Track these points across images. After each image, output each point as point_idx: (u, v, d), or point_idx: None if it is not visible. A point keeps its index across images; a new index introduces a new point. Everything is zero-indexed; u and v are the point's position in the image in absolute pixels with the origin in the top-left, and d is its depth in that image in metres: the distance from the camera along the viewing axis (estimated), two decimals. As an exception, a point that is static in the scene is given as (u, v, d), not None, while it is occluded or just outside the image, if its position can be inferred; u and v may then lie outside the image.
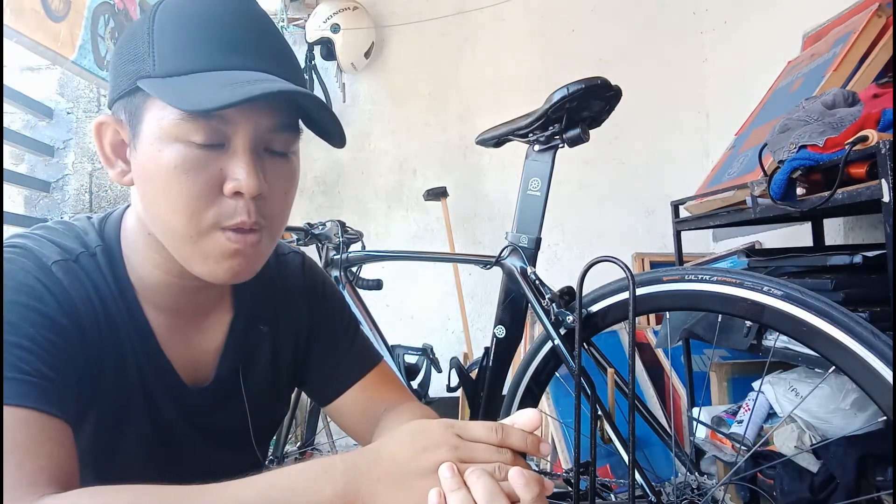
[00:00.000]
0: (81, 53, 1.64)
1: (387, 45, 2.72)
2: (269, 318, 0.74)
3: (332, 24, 2.51)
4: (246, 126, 0.55)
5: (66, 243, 0.60)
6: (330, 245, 1.49)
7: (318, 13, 2.54)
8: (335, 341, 0.78)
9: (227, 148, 0.55)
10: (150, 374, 0.63)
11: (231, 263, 0.57)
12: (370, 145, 2.72)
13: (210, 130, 0.54)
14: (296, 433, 2.20)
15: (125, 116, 0.58)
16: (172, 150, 0.54)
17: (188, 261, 0.58)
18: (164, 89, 0.53)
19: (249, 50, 0.56)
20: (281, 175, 0.59)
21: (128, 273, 0.63)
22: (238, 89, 0.51)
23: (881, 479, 1.13)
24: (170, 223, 0.56)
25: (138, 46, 0.56)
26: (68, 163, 2.25)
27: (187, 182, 0.54)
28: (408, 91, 2.72)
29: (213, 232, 0.56)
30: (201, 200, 0.55)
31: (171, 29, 0.55)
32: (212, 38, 0.55)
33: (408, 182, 2.70)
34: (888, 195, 0.96)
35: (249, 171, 0.55)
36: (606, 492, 1.42)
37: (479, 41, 2.71)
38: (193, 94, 0.52)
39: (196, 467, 0.68)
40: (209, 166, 0.55)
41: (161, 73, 0.54)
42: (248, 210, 0.56)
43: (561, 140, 1.09)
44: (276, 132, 0.58)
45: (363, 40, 2.57)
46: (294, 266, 0.78)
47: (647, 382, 2.07)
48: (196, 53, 0.54)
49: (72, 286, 0.57)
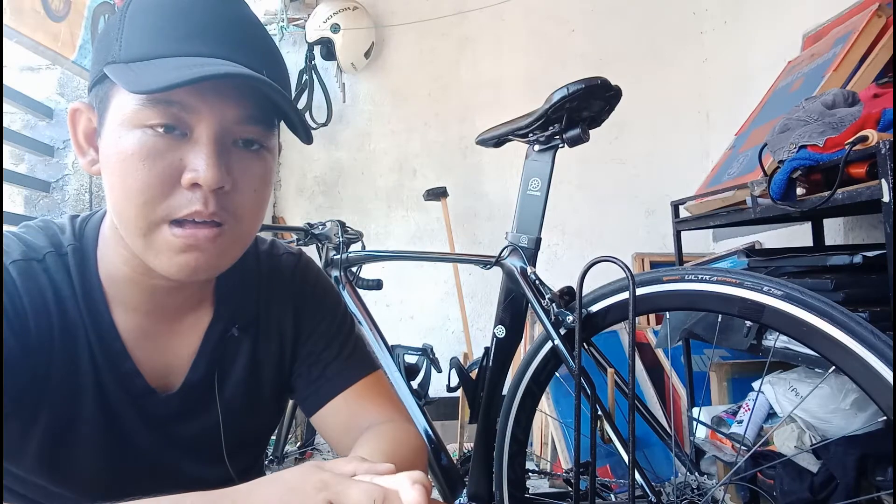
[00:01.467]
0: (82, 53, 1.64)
1: (387, 45, 2.72)
2: (251, 322, 0.70)
3: (332, 24, 2.51)
4: (209, 115, 0.53)
5: (34, 242, 0.59)
6: (330, 245, 1.49)
7: (318, 13, 2.54)
8: (323, 347, 0.73)
9: (189, 138, 0.53)
10: (109, 379, 0.60)
11: (186, 258, 0.54)
12: (370, 145, 2.72)
13: (170, 118, 0.52)
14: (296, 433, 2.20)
15: (96, 103, 0.57)
16: (132, 136, 0.52)
17: (144, 255, 0.55)
18: (121, 73, 0.51)
19: (218, 38, 0.54)
20: (249, 170, 0.57)
21: (99, 273, 0.61)
22: (187, 70, 0.49)
23: (881, 479, 1.13)
24: (124, 213, 0.54)
25: (110, 33, 0.55)
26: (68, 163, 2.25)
27: (143, 170, 0.52)
28: (408, 91, 2.72)
29: (161, 226, 0.54)
30: (155, 190, 0.52)
31: (140, 15, 0.54)
32: (179, 24, 0.53)
33: (408, 182, 2.70)
34: (888, 195, 0.96)
35: (210, 162, 0.52)
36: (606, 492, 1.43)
37: (479, 41, 2.71)
38: (145, 76, 0.50)
39: (161, 479, 0.64)
40: (168, 155, 0.52)
41: (125, 59, 0.52)
42: (206, 201, 0.53)
43: (561, 140, 1.09)
44: (243, 124, 0.55)
45: (363, 40, 2.57)
46: (285, 268, 0.75)
47: (647, 382, 2.07)
48: (160, 39, 0.53)
49: (25, 287, 0.55)
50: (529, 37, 2.69)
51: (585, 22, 2.67)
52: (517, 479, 1.18)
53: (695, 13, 2.63)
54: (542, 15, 2.68)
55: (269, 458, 1.60)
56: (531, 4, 2.67)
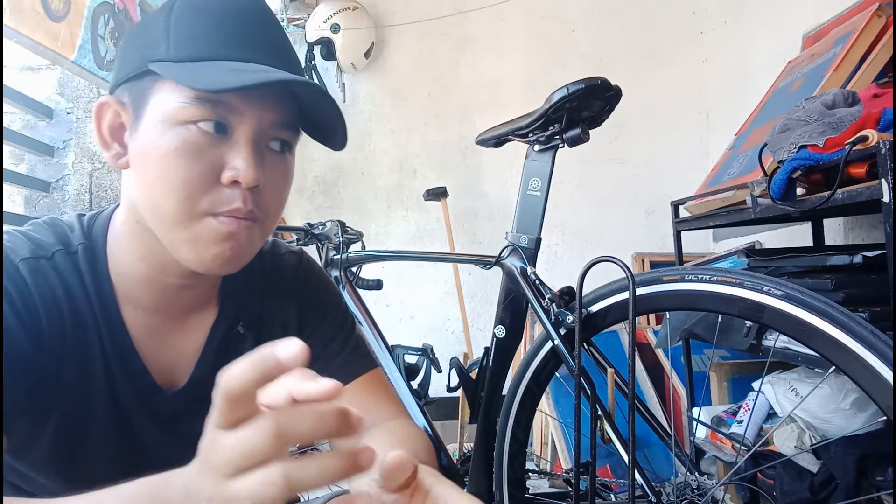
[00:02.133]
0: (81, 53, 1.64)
1: (387, 45, 2.72)
2: (255, 320, 0.71)
3: (332, 24, 2.51)
4: (251, 117, 0.56)
5: (43, 240, 0.59)
6: (330, 245, 1.49)
7: (318, 13, 2.54)
8: (325, 344, 0.74)
9: (229, 137, 0.56)
10: (120, 376, 0.61)
11: (221, 248, 0.56)
12: (370, 145, 2.72)
13: (215, 117, 0.54)
14: (296, 433, 2.19)
15: (128, 99, 0.58)
16: (174, 133, 0.54)
17: (177, 246, 0.57)
18: (176, 71, 0.54)
19: (261, 45, 0.57)
20: (277, 171, 0.60)
21: (109, 271, 0.61)
22: (248, 75, 0.53)
23: (881, 479, 1.13)
24: (162, 206, 0.55)
25: (152, 32, 0.57)
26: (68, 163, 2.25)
27: (185, 166, 0.54)
28: (408, 91, 2.72)
29: (205, 217, 0.56)
30: (197, 185, 0.54)
31: (188, 17, 0.56)
32: (226, 29, 0.56)
33: (408, 182, 2.70)
34: (888, 195, 0.96)
35: (250, 162, 0.55)
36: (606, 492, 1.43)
37: (479, 41, 2.71)
38: (206, 76, 0.52)
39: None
40: (209, 153, 0.55)
41: (175, 58, 0.55)
42: (245, 199, 0.56)
43: (561, 140, 1.09)
44: (277, 128, 0.58)
45: (363, 40, 2.57)
46: (288, 266, 0.76)
47: (647, 382, 2.07)
48: (210, 42, 0.55)
49: (36, 285, 0.56)
50: (529, 37, 2.69)
51: (585, 22, 2.67)
52: (517, 479, 1.18)
53: (695, 13, 2.63)
54: (542, 15, 2.68)
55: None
56: (531, 4, 2.67)
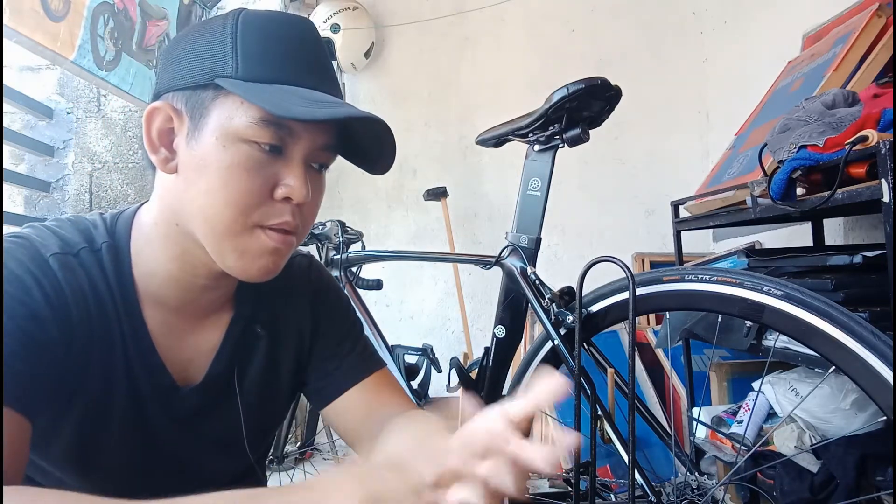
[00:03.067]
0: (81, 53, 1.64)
1: (387, 45, 2.72)
2: (270, 321, 0.74)
3: (332, 24, 2.51)
4: (306, 140, 0.60)
5: (69, 237, 0.60)
6: (330, 245, 1.49)
7: (318, 13, 2.54)
8: (338, 343, 0.78)
9: (284, 156, 0.59)
10: (140, 374, 0.63)
11: (266, 261, 0.61)
12: (370, 145, 2.72)
13: (277, 140, 0.58)
14: (296, 433, 2.20)
15: (185, 107, 0.59)
16: (237, 148, 0.57)
17: (223, 255, 0.60)
18: (251, 92, 0.56)
19: (319, 73, 0.61)
20: (317, 188, 0.64)
21: (132, 270, 0.63)
22: (323, 109, 0.56)
23: (881, 479, 1.13)
24: (217, 216, 0.58)
25: (216, 46, 0.58)
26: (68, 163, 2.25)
27: (246, 180, 0.57)
28: (408, 91, 2.72)
29: (254, 230, 0.59)
30: (254, 198, 0.58)
31: (254, 38, 0.58)
32: (288, 55, 0.59)
33: (408, 182, 2.70)
34: (888, 195, 0.96)
35: (303, 182, 0.59)
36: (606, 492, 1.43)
37: (479, 41, 2.71)
38: (280, 101, 0.56)
39: (184, 470, 0.68)
40: (266, 170, 0.58)
41: (243, 77, 0.57)
42: (293, 213, 0.60)
43: (561, 140, 1.09)
44: (324, 150, 0.62)
45: (363, 40, 2.57)
46: (300, 268, 0.79)
47: (647, 382, 2.07)
48: (277, 66, 0.58)
49: (66, 280, 0.57)
50: (529, 37, 2.69)
51: (585, 22, 2.67)
52: (517, 479, 1.18)
53: (695, 13, 2.63)
54: (542, 15, 2.68)
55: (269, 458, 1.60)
56: (531, 4, 2.67)
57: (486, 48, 2.70)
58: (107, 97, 2.26)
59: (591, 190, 2.63)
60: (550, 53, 2.66)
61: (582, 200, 2.62)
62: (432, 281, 2.62)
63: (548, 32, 2.68)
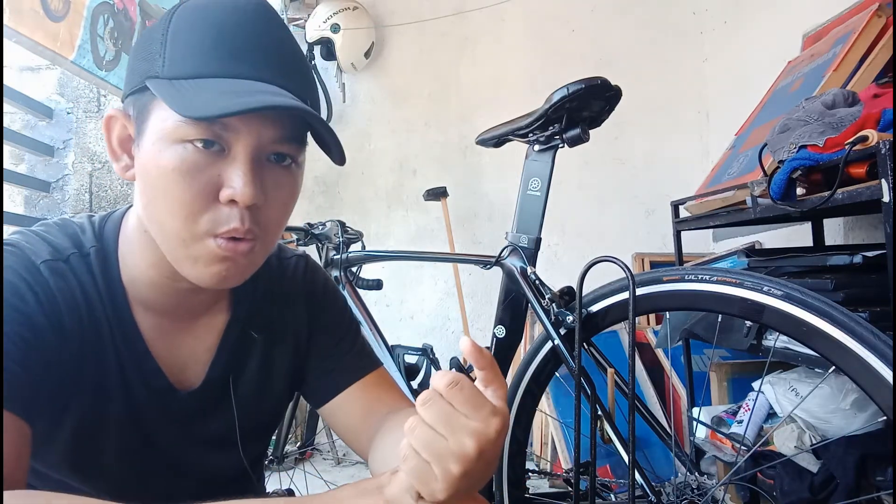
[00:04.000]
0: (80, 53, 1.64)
1: (387, 45, 2.72)
2: (266, 323, 0.73)
3: (332, 24, 2.51)
4: (248, 135, 0.55)
5: (58, 243, 0.60)
6: (330, 245, 1.49)
7: (318, 13, 2.54)
8: (335, 343, 0.77)
9: (227, 154, 0.55)
10: (135, 378, 0.62)
11: (219, 268, 0.57)
12: (370, 145, 2.72)
13: (211, 135, 0.54)
14: (296, 433, 2.20)
15: (133, 112, 0.58)
16: (172, 151, 0.54)
17: (178, 263, 0.58)
18: (167, 91, 0.53)
19: (259, 60, 0.56)
20: (281, 186, 0.59)
21: (121, 274, 0.62)
22: (236, 99, 0.51)
23: (881, 479, 1.12)
24: (165, 224, 0.56)
25: (152, 46, 0.56)
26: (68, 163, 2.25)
27: (184, 185, 0.54)
28: (408, 91, 2.72)
29: (205, 238, 0.56)
30: (197, 205, 0.54)
31: (184, 32, 0.55)
32: (223, 44, 0.55)
33: (408, 182, 2.70)
34: (888, 195, 0.96)
35: (246, 180, 0.54)
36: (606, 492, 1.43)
37: (479, 41, 2.71)
38: (193, 98, 0.52)
39: (181, 471, 0.68)
40: (207, 171, 0.54)
41: (168, 75, 0.54)
42: (242, 218, 0.55)
43: (561, 140, 1.09)
44: (278, 142, 0.57)
45: (363, 40, 2.57)
46: (296, 270, 0.78)
47: (647, 382, 2.07)
48: (205, 58, 0.54)
49: (57, 286, 0.57)
50: (529, 37, 2.69)
51: (585, 22, 2.67)
52: (517, 479, 1.18)
53: (695, 13, 2.63)
54: (542, 15, 2.68)
55: (269, 458, 1.60)
56: (531, 4, 2.67)
57: (486, 48, 2.70)
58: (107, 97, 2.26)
59: (591, 190, 2.63)
60: (550, 53, 2.66)
61: (582, 200, 2.62)
62: (432, 281, 2.62)
63: (548, 32, 2.68)
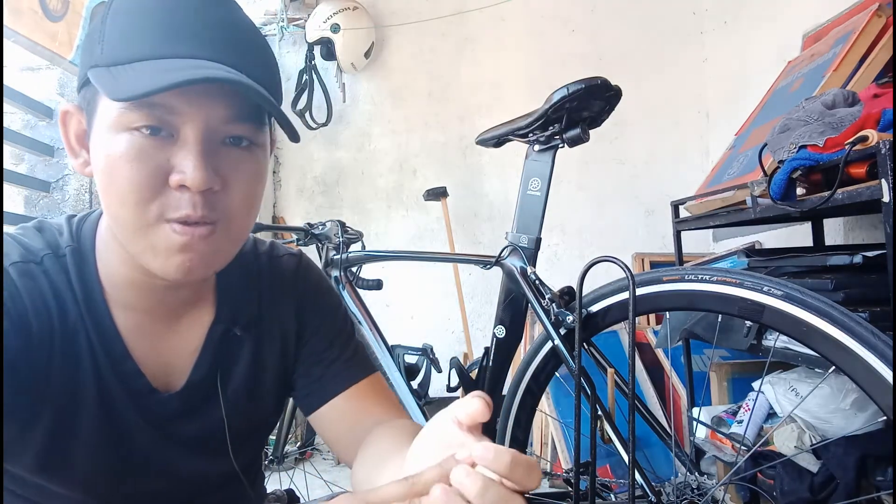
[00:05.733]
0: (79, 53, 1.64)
1: (387, 45, 2.72)
2: (252, 322, 0.70)
3: (332, 24, 2.51)
4: (195, 116, 0.53)
5: (33, 245, 0.59)
6: (330, 245, 1.49)
7: (318, 13, 2.54)
8: (325, 347, 0.74)
9: (177, 139, 0.53)
10: (111, 379, 0.60)
11: (181, 258, 0.54)
12: (370, 145, 2.72)
13: (155, 121, 0.52)
14: (296, 433, 2.20)
15: (84, 106, 0.57)
16: (119, 139, 0.52)
17: (140, 256, 0.55)
18: (102, 78, 0.51)
19: (199, 38, 0.53)
20: (239, 168, 0.56)
21: (98, 274, 0.61)
22: (167, 75, 0.49)
23: (881, 479, 1.13)
24: (118, 215, 0.54)
25: (93, 34, 0.54)
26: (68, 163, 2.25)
27: (132, 172, 0.52)
28: (408, 91, 2.72)
29: (159, 224, 0.53)
30: (146, 191, 0.52)
31: (122, 17, 0.53)
32: (159, 26, 0.53)
33: (408, 182, 2.70)
34: (888, 195, 0.96)
35: (196, 164, 0.52)
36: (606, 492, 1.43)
37: (479, 41, 2.71)
38: (125, 82, 0.50)
39: (165, 474, 0.65)
40: (156, 156, 0.52)
41: (106, 62, 0.52)
42: (195, 204, 0.53)
43: (561, 140, 1.09)
44: (231, 123, 0.55)
45: (363, 40, 2.57)
46: (287, 269, 0.75)
47: (647, 382, 2.07)
48: (141, 41, 0.52)
49: (25, 288, 0.56)
50: (529, 37, 2.69)
51: (585, 22, 2.67)
52: (517, 480, 1.18)
53: (695, 13, 2.63)
54: (542, 15, 2.68)
55: (269, 458, 1.60)
56: (531, 4, 2.67)
57: (486, 48, 2.70)
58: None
59: (591, 190, 2.63)
60: (550, 53, 2.66)
61: (582, 200, 2.62)
62: (432, 281, 2.62)
63: (548, 32, 2.68)
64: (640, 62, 2.61)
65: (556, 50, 2.66)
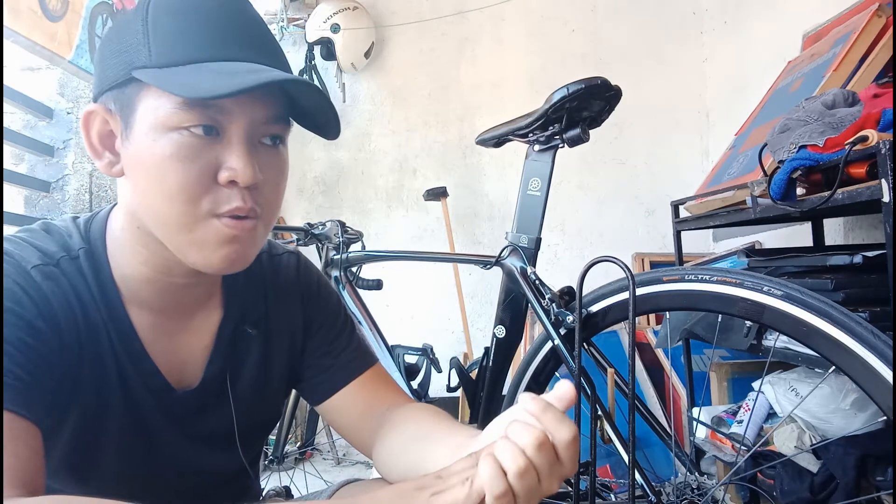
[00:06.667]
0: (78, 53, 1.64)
1: (387, 45, 2.72)
2: (261, 319, 0.73)
3: (332, 24, 2.51)
4: (241, 116, 0.56)
5: (47, 247, 0.59)
6: (330, 245, 1.49)
7: (318, 13, 2.54)
8: (331, 339, 0.77)
9: (222, 137, 0.56)
10: (133, 377, 0.62)
11: (227, 251, 0.57)
12: (370, 145, 2.72)
13: (206, 119, 0.54)
14: (296, 433, 2.20)
15: (115, 107, 0.58)
16: (168, 139, 0.54)
17: (184, 251, 0.58)
18: (163, 78, 0.53)
19: (244, 42, 0.57)
20: (273, 165, 0.60)
21: (112, 274, 0.62)
22: (238, 78, 0.52)
23: (881, 479, 1.12)
24: (165, 212, 0.56)
25: (131, 38, 0.56)
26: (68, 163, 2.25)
27: (183, 170, 0.54)
28: (408, 91, 2.72)
29: (208, 219, 0.56)
30: (197, 188, 0.55)
31: (166, 20, 0.55)
32: (206, 29, 0.56)
33: (408, 182, 2.70)
34: (888, 195, 0.96)
35: (245, 161, 0.55)
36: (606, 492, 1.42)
37: (479, 41, 2.71)
38: (194, 82, 0.52)
39: (181, 470, 0.68)
40: (204, 155, 0.55)
41: (158, 64, 0.54)
42: (244, 197, 0.56)
43: (561, 140, 1.09)
44: (269, 123, 0.58)
45: (363, 40, 2.57)
46: (288, 266, 0.77)
47: (647, 382, 2.07)
48: (192, 44, 0.55)
49: (50, 291, 0.57)
50: (529, 37, 2.69)
51: (585, 22, 2.67)
52: (517, 480, 1.18)
53: (695, 13, 2.63)
54: (542, 15, 2.68)
55: (269, 458, 1.60)
56: (531, 4, 2.67)
57: (486, 48, 2.70)
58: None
59: (591, 190, 2.63)
60: (550, 53, 2.66)
61: (582, 200, 2.62)
62: (432, 281, 2.62)
63: (548, 32, 2.68)
64: (640, 62, 2.61)
65: (556, 50, 2.66)
